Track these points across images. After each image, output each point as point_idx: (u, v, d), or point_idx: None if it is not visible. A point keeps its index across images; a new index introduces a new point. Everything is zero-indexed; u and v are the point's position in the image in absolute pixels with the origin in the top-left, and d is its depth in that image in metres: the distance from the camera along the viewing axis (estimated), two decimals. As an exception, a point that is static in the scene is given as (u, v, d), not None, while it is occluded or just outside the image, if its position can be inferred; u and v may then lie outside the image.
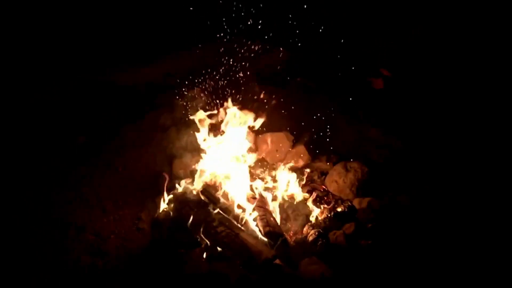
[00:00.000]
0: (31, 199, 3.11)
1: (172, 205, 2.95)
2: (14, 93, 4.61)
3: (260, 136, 3.79)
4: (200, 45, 4.73)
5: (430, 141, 3.83)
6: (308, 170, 3.49)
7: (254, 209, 2.85)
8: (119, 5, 6.07)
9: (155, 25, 5.92)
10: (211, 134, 3.24)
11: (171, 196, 3.01)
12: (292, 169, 3.41)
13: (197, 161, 3.21)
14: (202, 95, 3.72)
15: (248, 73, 3.99)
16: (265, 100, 3.69)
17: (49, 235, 2.79)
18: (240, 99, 3.54)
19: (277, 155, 3.65)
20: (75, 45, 5.66)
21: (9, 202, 3.08)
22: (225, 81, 3.85)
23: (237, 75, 3.93)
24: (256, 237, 2.66)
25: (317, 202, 3.12)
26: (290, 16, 4.07)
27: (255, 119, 3.24)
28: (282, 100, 3.96)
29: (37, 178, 3.34)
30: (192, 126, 3.45)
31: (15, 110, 4.28)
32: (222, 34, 4.13)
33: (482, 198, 3.12)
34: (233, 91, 3.69)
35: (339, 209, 3.03)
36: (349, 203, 3.10)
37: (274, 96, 3.81)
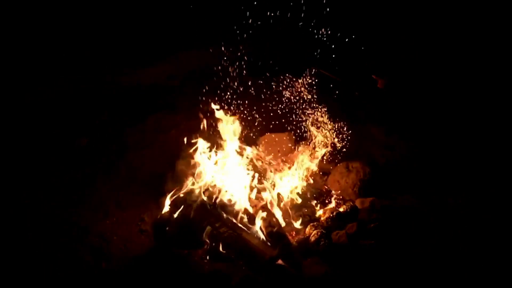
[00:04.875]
0: (33, 201, 3.13)
1: (174, 206, 2.95)
2: (17, 94, 4.63)
3: (263, 136, 3.80)
4: (202, 47, 4.74)
5: (432, 141, 3.82)
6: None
7: (256, 210, 2.86)
8: (122, 7, 6.10)
9: (158, 26, 5.94)
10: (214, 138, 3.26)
11: (174, 197, 3.02)
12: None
13: (200, 163, 3.22)
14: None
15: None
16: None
17: (52, 237, 2.80)
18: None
19: (280, 155, 3.65)
20: (78, 47, 5.69)
21: (11, 203, 3.09)
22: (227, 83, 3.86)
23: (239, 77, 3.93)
24: (259, 238, 2.66)
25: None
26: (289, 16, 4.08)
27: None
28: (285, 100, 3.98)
29: (40, 180, 3.35)
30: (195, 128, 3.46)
31: (18, 112, 4.30)
32: (224, 36, 4.14)
33: (484, 199, 3.11)
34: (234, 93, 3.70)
35: (341, 209, 3.03)
36: (352, 203, 3.09)
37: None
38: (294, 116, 3.90)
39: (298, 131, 3.85)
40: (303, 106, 3.77)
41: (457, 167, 3.51)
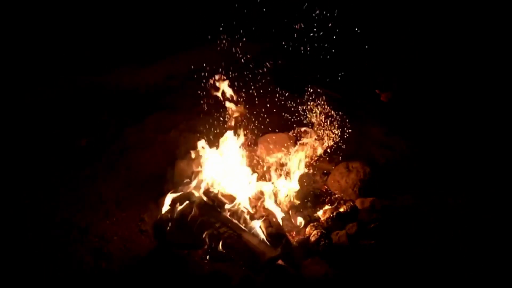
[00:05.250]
0: (34, 201, 3.13)
1: (174, 206, 2.95)
2: (17, 95, 4.63)
3: (262, 136, 3.80)
4: (202, 46, 4.74)
5: (432, 141, 3.82)
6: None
7: (257, 210, 2.86)
8: (121, 7, 6.10)
9: (157, 26, 5.94)
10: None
11: (174, 197, 3.02)
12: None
13: (200, 163, 3.22)
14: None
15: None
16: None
17: (53, 237, 2.80)
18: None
19: (279, 156, 3.65)
20: (78, 47, 5.69)
21: (12, 204, 3.09)
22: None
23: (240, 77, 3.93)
24: (259, 238, 2.66)
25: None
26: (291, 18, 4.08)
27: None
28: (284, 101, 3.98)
29: (40, 180, 3.35)
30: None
31: (18, 112, 4.30)
32: (224, 35, 4.14)
33: (484, 199, 3.12)
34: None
35: (341, 209, 3.03)
36: (352, 203, 3.09)
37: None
38: (294, 117, 3.92)
39: (298, 130, 3.85)
40: (304, 106, 3.78)
41: (457, 167, 3.51)
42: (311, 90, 3.74)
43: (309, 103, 3.57)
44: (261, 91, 4.19)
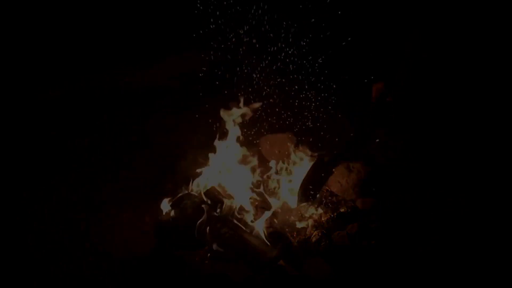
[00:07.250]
0: (34, 201, 3.13)
1: (175, 207, 2.96)
2: (17, 93, 4.64)
3: (262, 137, 3.80)
4: (203, 47, 4.74)
5: (432, 140, 3.82)
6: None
7: (257, 211, 2.86)
8: (123, 6, 6.10)
9: (159, 26, 5.94)
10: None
11: (174, 198, 3.02)
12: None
13: (202, 163, 3.22)
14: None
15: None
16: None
17: (53, 238, 2.80)
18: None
19: (280, 157, 3.65)
20: (79, 47, 5.69)
21: (11, 204, 3.10)
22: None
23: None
24: (260, 238, 2.66)
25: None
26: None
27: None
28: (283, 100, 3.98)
29: (40, 181, 3.35)
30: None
31: (19, 111, 4.31)
32: (225, 35, 4.14)
33: (484, 198, 3.12)
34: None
35: (342, 210, 3.03)
36: (352, 204, 3.10)
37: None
38: (293, 117, 3.92)
39: (299, 130, 3.85)
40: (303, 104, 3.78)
41: (457, 167, 3.51)
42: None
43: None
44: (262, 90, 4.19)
